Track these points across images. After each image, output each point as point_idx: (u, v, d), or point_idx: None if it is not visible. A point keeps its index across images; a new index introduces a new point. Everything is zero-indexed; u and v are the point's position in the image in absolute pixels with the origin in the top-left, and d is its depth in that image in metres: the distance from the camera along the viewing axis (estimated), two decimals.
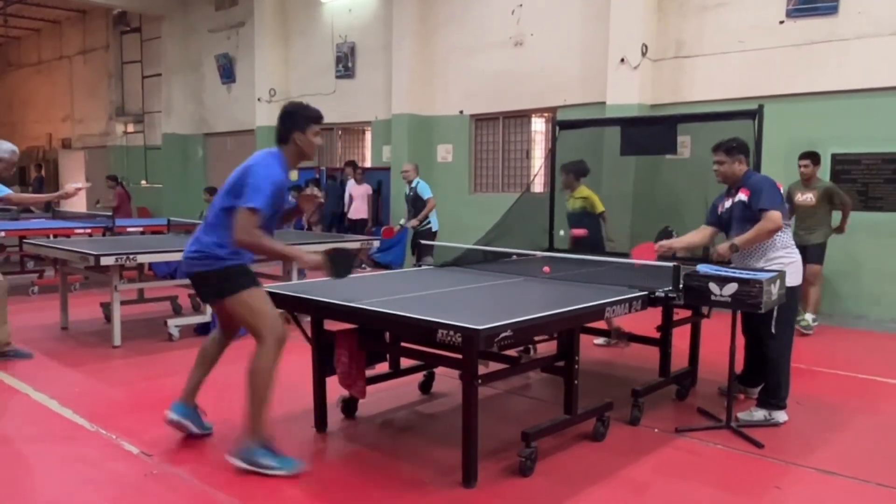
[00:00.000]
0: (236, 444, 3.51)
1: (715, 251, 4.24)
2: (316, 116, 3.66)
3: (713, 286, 3.84)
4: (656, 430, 4.17)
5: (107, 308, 6.72)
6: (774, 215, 4.12)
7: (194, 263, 3.54)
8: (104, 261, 5.69)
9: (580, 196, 6.46)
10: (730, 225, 4.48)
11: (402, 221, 9.75)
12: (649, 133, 5.79)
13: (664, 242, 4.52)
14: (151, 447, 3.78)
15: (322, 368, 4.03)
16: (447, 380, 4.89)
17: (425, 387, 4.86)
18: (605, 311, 3.63)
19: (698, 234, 4.66)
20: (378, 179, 12.17)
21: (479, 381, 3.35)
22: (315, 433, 4.08)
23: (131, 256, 5.83)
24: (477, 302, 3.91)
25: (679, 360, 4.94)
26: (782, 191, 4.35)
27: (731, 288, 3.78)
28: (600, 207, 6.51)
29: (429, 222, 9.45)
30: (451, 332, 3.00)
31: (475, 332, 2.93)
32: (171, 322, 6.36)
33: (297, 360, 4.30)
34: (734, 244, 4.15)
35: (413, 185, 9.50)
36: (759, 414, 4.31)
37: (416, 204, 9.46)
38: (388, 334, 4.12)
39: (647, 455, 3.81)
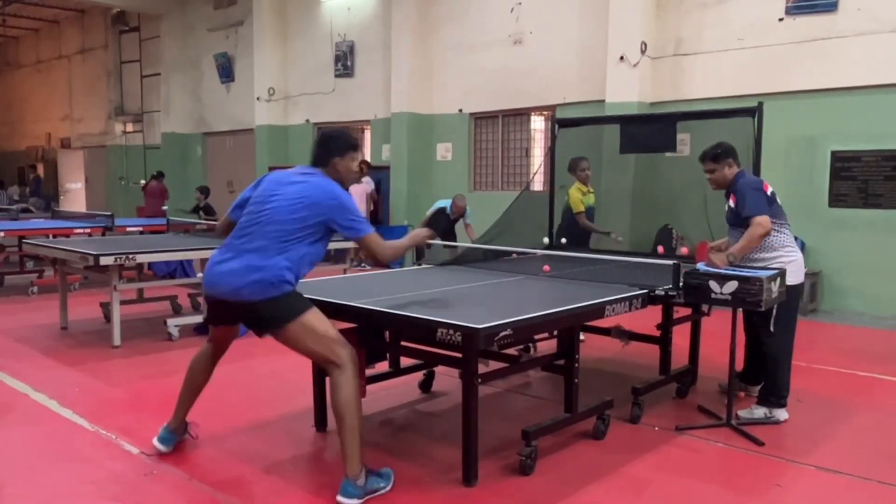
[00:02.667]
0: (343, 484, 3.17)
1: (711, 262, 4.21)
2: (356, 144, 3.59)
3: (713, 284, 3.84)
4: (657, 429, 4.17)
5: (106, 308, 6.70)
6: (761, 220, 4.10)
7: (256, 290, 3.18)
8: (103, 261, 5.67)
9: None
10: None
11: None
12: (649, 131, 5.78)
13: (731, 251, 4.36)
14: (151, 447, 3.77)
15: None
16: (447, 378, 4.88)
17: (425, 385, 4.85)
18: (605, 309, 3.62)
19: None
20: (377, 178, 12.16)
21: (480, 379, 3.35)
22: (315, 432, 4.08)
23: (130, 256, 5.82)
24: (477, 301, 3.90)
25: (679, 359, 4.94)
26: (769, 191, 4.32)
27: (732, 286, 3.77)
28: (576, 208, 6.71)
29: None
30: (451, 331, 2.99)
31: (475, 330, 2.92)
32: (171, 322, 6.36)
33: (297, 359, 4.29)
34: (730, 254, 4.10)
35: (465, 215, 9.00)
36: (760, 412, 4.30)
37: (453, 226, 9.04)
38: (387, 333, 4.11)
39: (648, 453, 3.80)
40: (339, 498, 3.15)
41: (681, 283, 3.95)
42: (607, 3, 9.27)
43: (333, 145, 3.49)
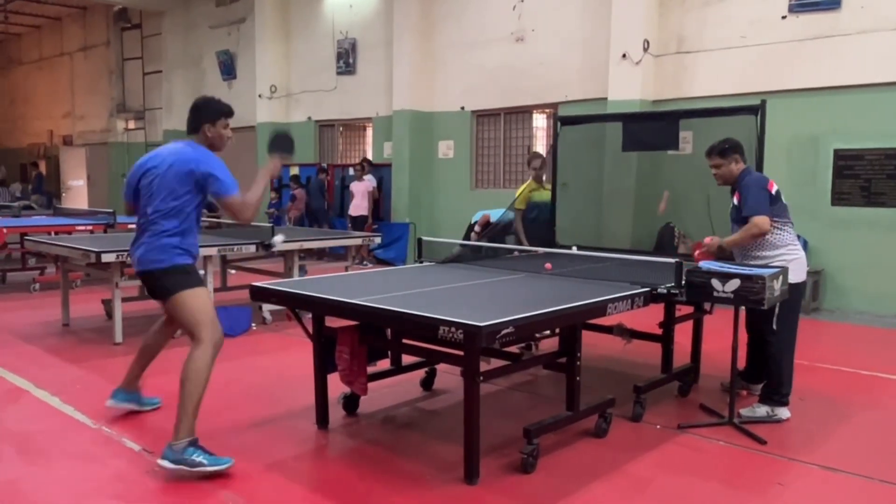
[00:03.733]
0: (167, 445, 3.41)
1: (708, 246, 4.24)
2: (225, 111, 3.76)
3: (716, 282, 3.83)
4: (658, 427, 4.17)
5: (108, 305, 6.71)
6: (759, 221, 4.12)
7: (145, 262, 3.61)
8: (105, 258, 5.67)
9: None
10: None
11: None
12: (651, 129, 5.77)
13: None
14: (153, 444, 3.77)
15: (323, 365, 4.03)
16: (449, 376, 4.88)
17: (427, 383, 4.85)
18: (607, 307, 3.62)
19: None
20: (379, 176, 12.16)
21: (482, 377, 3.35)
22: (317, 430, 4.07)
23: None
24: (478, 298, 3.90)
25: (681, 357, 4.94)
26: (774, 190, 4.31)
27: (734, 284, 3.77)
28: (517, 204, 6.62)
29: None
30: (453, 329, 2.99)
31: (477, 328, 2.92)
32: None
33: (298, 357, 4.31)
34: (721, 244, 4.15)
35: None
36: (762, 410, 4.30)
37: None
38: (389, 331, 4.11)
39: (650, 451, 3.80)
40: (158, 461, 3.40)
41: (683, 282, 3.94)
42: (610, 1, 9.25)
43: (203, 112, 3.69)
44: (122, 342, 6.00)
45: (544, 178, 6.67)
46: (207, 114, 3.70)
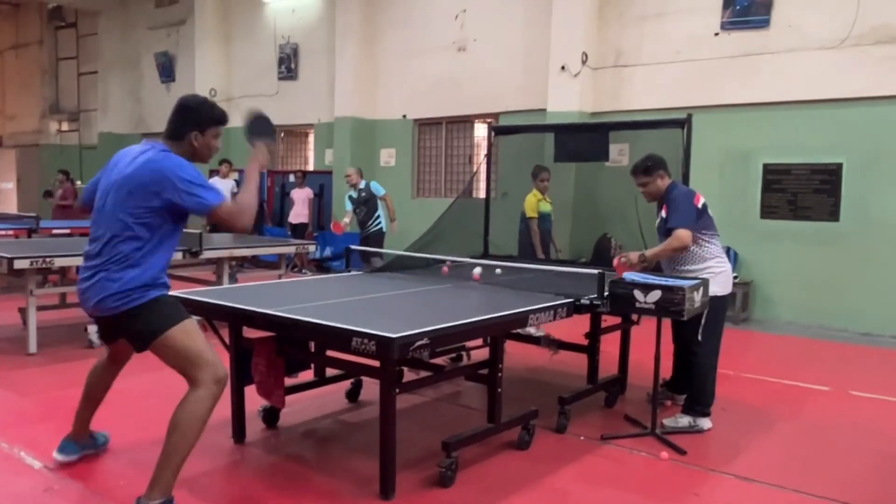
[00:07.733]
0: (137, 500, 2.93)
1: (627, 259, 4.26)
2: (220, 118, 3.15)
3: (638, 293, 3.84)
4: (582, 438, 4.15)
5: (25, 313, 6.39)
6: (682, 234, 4.16)
7: (116, 302, 2.95)
8: (18, 264, 5.39)
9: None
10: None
11: (346, 220, 9.17)
12: (582, 140, 5.80)
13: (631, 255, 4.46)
14: (53, 460, 3.57)
15: (240, 377, 3.89)
16: (375, 387, 4.76)
17: (352, 395, 4.74)
18: (528, 318, 3.58)
19: None
20: (320, 183, 12.00)
21: (398, 389, 3.27)
22: (233, 444, 3.93)
23: (48, 259, 5.56)
24: (402, 308, 3.83)
25: (612, 367, 4.95)
26: (700, 203, 4.35)
27: (655, 295, 3.78)
28: (529, 213, 7.22)
29: (379, 222, 9.01)
30: (366, 340, 2.91)
31: (390, 340, 2.85)
32: (92, 328, 6.07)
33: None
34: (643, 255, 4.20)
35: (362, 186, 8.97)
36: (684, 420, 4.33)
37: (370, 203, 8.97)
38: (312, 342, 4.00)
39: (571, 463, 3.77)
40: None
41: (606, 293, 3.94)
42: (550, 14, 9.33)
43: (192, 117, 3.09)
44: (36, 352, 5.72)
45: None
46: (198, 120, 3.08)
